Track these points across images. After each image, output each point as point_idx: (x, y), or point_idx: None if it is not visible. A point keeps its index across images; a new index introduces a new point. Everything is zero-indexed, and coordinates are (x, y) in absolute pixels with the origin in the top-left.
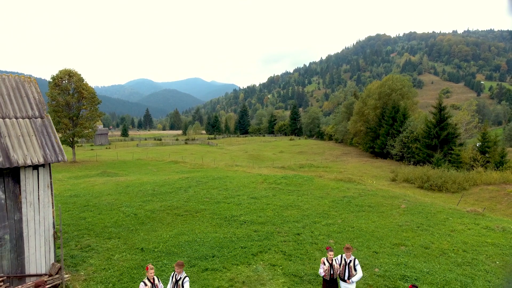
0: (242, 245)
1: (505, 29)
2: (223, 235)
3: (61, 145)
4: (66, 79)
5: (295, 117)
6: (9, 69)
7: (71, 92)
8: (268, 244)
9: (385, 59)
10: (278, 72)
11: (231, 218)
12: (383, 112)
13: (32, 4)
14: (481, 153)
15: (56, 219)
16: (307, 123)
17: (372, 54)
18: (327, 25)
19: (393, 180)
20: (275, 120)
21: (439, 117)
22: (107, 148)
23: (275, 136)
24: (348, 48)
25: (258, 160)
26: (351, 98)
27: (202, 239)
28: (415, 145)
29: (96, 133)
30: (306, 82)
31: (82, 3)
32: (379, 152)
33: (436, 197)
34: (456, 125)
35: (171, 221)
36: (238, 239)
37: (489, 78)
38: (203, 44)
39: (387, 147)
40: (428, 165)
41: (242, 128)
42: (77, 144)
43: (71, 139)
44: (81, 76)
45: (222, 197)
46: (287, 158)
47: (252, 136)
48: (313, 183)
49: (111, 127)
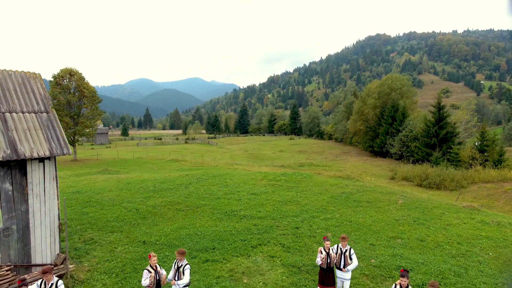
0: (242, 238)
1: (505, 29)
2: (223, 228)
3: (66, 139)
4: (67, 78)
5: (295, 116)
6: (11, 68)
7: (72, 90)
8: (267, 237)
9: (385, 58)
10: (278, 72)
11: (231, 213)
12: (383, 111)
13: (33, 4)
14: (480, 151)
15: (60, 212)
16: (307, 122)
17: (372, 54)
18: (327, 25)
19: (392, 178)
20: (275, 119)
21: (438, 116)
22: (107, 147)
23: (275, 135)
24: (348, 48)
25: (258, 159)
26: (351, 98)
27: (203, 232)
28: (414, 144)
29: (97, 132)
30: (306, 81)
31: (82, 3)
32: (379, 151)
33: (434, 194)
34: (455, 124)
35: (172, 216)
36: (238, 232)
37: (489, 78)
38: (203, 44)
39: (386, 146)
40: (427, 164)
41: (242, 128)
42: (77, 143)
43: (72, 137)
44: (82, 75)
45: (222, 193)
46: (287, 157)
47: (252, 136)
48: (312, 180)
49: (111, 126)
